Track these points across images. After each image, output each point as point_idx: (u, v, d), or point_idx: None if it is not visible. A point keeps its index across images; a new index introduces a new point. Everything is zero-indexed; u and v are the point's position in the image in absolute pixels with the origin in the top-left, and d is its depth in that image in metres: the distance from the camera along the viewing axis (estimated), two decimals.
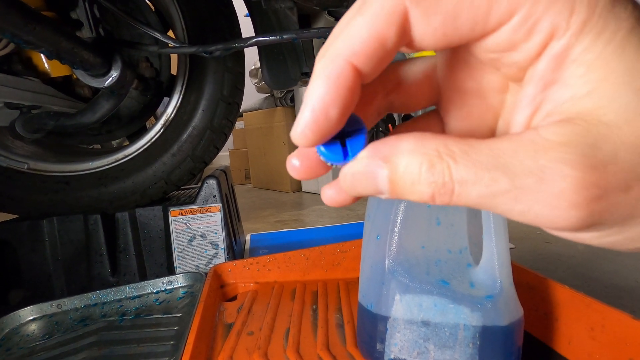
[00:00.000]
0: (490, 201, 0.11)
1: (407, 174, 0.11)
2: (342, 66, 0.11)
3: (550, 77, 0.11)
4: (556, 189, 0.10)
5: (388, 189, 0.12)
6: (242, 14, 0.84)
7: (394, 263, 0.36)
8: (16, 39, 0.41)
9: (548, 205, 0.10)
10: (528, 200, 0.10)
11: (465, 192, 0.11)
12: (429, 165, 0.11)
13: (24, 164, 0.67)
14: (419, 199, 0.12)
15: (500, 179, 0.10)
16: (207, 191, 0.71)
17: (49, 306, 0.58)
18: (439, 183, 0.11)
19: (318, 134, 0.12)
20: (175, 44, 0.60)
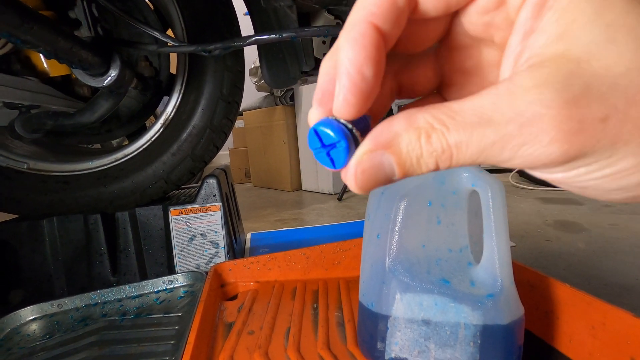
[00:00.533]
0: (483, 155, 0.12)
1: (411, 151, 0.12)
2: (364, 27, 0.12)
3: (529, 26, 0.12)
4: (535, 129, 0.11)
5: (397, 171, 0.13)
6: (242, 13, 0.84)
7: (394, 262, 0.36)
8: (14, 39, 0.41)
9: (531, 146, 0.11)
10: (513, 147, 0.11)
11: (461, 153, 0.12)
12: (426, 138, 0.12)
13: (24, 164, 0.67)
14: (426, 171, 0.12)
15: (487, 133, 0.11)
16: (207, 190, 0.70)
17: (49, 306, 0.58)
18: (439, 151, 0.12)
19: (360, 97, 0.12)
20: (175, 42, 0.60)
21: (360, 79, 0.12)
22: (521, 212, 1.09)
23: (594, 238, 0.83)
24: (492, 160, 0.12)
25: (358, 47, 0.12)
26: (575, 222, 0.95)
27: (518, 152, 0.11)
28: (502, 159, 0.12)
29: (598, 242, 0.81)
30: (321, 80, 0.14)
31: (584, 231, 0.88)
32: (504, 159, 0.12)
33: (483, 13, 0.13)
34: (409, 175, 0.13)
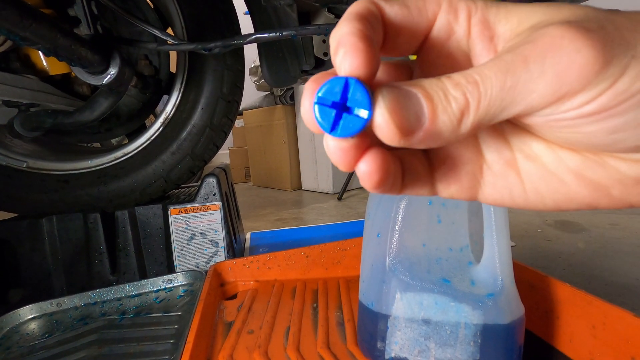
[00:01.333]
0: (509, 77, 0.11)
1: (435, 86, 0.12)
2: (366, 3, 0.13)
3: (488, 35, 0.14)
4: (548, 38, 0.11)
5: (427, 107, 0.12)
6: (242, 12, 0.84)
7: (394, 261, 0.35)
8: (12, 36, 0.41)
9: (553, 50, 0.11)
10: (537, 56, 0.11)
11: (488, 79, 0.11)
12: (447, 77, 0.12)
13: (23, 163, 0.67)
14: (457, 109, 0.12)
15: (505, 57, 0.12)
16: (207, 189, 0.70)
17: (48, 305, 0.58)
18: (463, 82, 0.12)
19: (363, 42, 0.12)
20: (174, 41, 0.60)
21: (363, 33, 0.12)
22: (521, 211, 1.09)
23: (594, 238, 0.83)
24: (522, 82, 0.11)
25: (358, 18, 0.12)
26: (575, 222, 0.95)
27: (545, 62, 0.11)
28: (532, 74, 0.11)
29: (598, 241, 0.81)
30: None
31: (584, 231, 0.88)
32: (533, 73, 0.11)
33: (438, 45, 0.14)
34: (440, 115, 0.11)
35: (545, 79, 0.11)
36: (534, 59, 0.11)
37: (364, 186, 0.14)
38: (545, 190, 0.14)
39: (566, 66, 0.11)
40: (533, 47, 0.11)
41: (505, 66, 0.11)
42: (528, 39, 0.12)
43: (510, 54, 0.11)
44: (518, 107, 0.12)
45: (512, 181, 0.15)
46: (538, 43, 0.11)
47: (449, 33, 0.14)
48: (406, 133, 0.12)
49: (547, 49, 0.11)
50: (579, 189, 0.14)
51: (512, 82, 0.11)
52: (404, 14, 0.14)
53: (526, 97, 0.11)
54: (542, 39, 0.11)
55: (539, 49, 0.11)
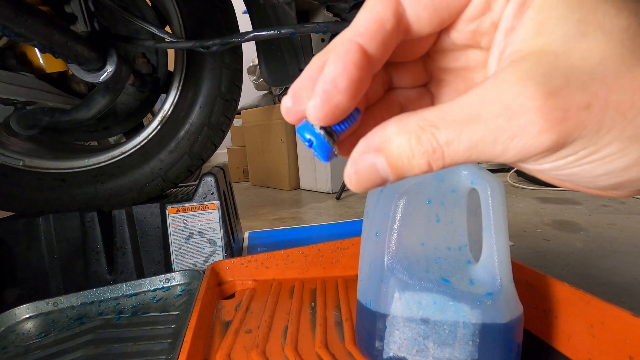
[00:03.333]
0: (475, 151, 0.12)
1: (402, 153, 0.13)
2: (348, 45, 0.13)
3: (510, 24, 0.13)
4: (523, 121, 0.11)
5: (390, 172, 0.13)
6: (240, 11, 0.83)
7: (393, 260, 0.35)
8: (7, 32, 0.40)
9: (521, 138, 0.11)
10: (505, 139, 0.12)
11: (453, 151, 0.12)
12: (417, 139, 0.12)
13: (20, 161, 0.67)
14: (419, 171, 0.13)
15: (477, 128, 0.12)
16: (205, 188, 0.70)
17: (45, 304, 0.57)
18: (429, 151, 0.12)
19: (327, 102, 0.13)
20: (172, 38, 0.59)
21: (332, 87, 0.13)
22: (519, 211, 1.09)
23: (591, 237, 0.83)
24: (486, 156, 0.12)
25: (338, 62, 0.13)
26: (573, 222, 0.95)
27: (510, 145, 0.12)
28: (495, 154, 0.12)
29: (596, 241, 0.81)
30: (304, 74, 0.14)
31: (582, 230, 0.88)
32: (496, 153, 0.12)
33: (470, 21, 0.14)
34: (403, 176, 0.13)
35: (507, 156, 0.12)
36: (503, 141, 0.12)
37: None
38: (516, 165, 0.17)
39: (527, 151, 0.12)
40: (506, 127, 0.12)
41: (476, 141, 0.12)
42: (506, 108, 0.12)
43: (484, 126, 0.12)
44: (488, 159, 0.13)
45: None
46: (512, 124, 0.11)
47: (485, 10, 0.14)
48: (366, 189, 0.14)
49: (517, 134, 0.11)
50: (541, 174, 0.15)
51: (477, 154, 0.12)
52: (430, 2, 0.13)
53: (489, 161, 0.13)
54: (517, 121, 0.11)
55: (510, 131, 0.11)
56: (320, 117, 0.13)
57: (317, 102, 0.13)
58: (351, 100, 0.13)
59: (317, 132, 0.14)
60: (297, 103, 0.14)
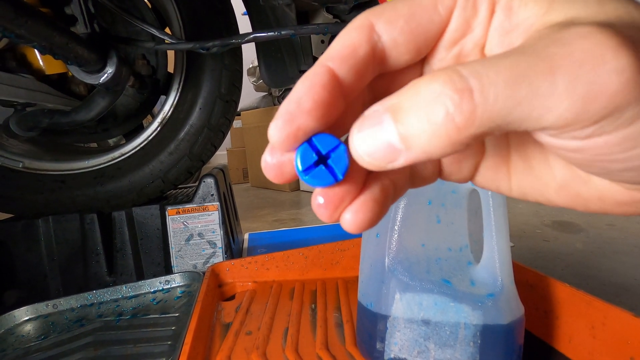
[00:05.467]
0: (526, 86, 0.09)
1: (412, 99, 0.10)
2: (318, 68, 0.12)
3: (508, 25, 0.11)
4: (588, 44, 0.09)
5: (397, 134, 0.10)
6: (240, 12, 0.83)
7: (393, 261, 0.35)
8: (7, 33, 0.40)
9: (592, 61, 0.09)
10: (570, 67, 0.09)
11: (488, 84, 0.09)
12: (432, 78, 0.09)
13: (19, 163, 0.67)
14: (436, 129, 0.09)
15: (525, 57, 0.09)
16: (205, 190, 0.70)
17: (44, 306, 0.57)
18: (448, 86, 0.09)
19: (289, 123, 0.12)
20: (172, 40, 0.59)
21: (296, 107, 0.12)
22: (519, 212, 1.09)
23: (591, 238, 0.83)
24: (539, 97, 0.09)
25: (305, 84, 0.12)
26: (572, 223, 0.95)
27: (578, 76, 0.09)
28: (555, 90, 0.09)
29: (596, 242, 0.81)
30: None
31: (582, 231, 0.88)
32: (558, 88, 0.09)
33: (451, 45, 0.13)
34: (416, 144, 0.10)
35: (571, 98, 0.09)
36: (565, 68, 0.09)
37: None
38: (529, 191, 0.15)
39: (601, 88, 0.09)
40: (566, 52, 0.09)
41: (523, 70, 0.09)
42: (560, 37, 0.09)
43: (533, 54, 0.09)
44: (524, 125, 0.09)
45: (501, 176, 0.15)
46: (574, 47, 0.09)
47: (465, 32, 0.12)
48: (385, 165, 0.11)
49: (585, 59, 0.09)
50: (559, 196, 0.14)
51: (526, 93, 0.09)
52: (405, 26, 0.12)
53: (539, 116, 0.09)
54: (579, 43, 0.09)
55: (574, 56, 0.09)
56: (281, 138, 0.12)
57: (278, 123, 0.12)
58: (316, 122, 0.12)
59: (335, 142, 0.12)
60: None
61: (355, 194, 0.13)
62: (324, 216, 0.13)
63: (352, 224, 0.13)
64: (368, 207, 0.13)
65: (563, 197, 0.14)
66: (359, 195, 0.13)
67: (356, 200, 0.13)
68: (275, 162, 0.13)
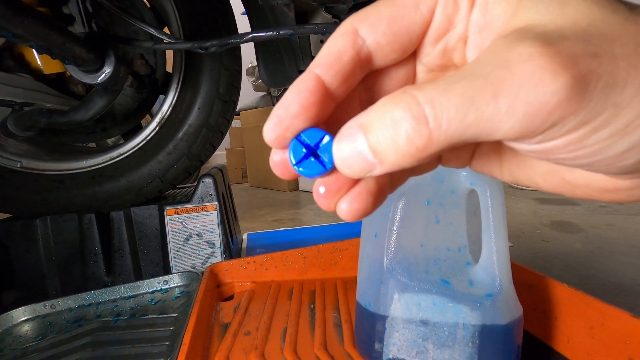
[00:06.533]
0: (473, 112, 0.10)
1: (379, 123, 0.11)
2: (306, 75, 0.13)
3: (483, 22, 0.12)
4: (528, 67, 0.10)
5: (370, 152, 0.11)
6: (239, 12, 0.83)
7: (392, 262, 0.35)
8: (4, 32, 0.40)
9: (530, 85, 0.10)
10: (509, 91, 0.10)
11: (440, 112, 0.10)
12: (395, 104, 0.11)
13: (17, 163, 0.66)
14: (399, 148, 0.11)
15: (472, 82, 0.10)
16: (204, 190, 0.70)
17: (42, 307, 0.57)
18: (407, 115, 0.10)
19: (278, 125, 0.13)
20: (171, 39, 0.59)
21: (283, 111, 0.13)
22: (518, 212, 1.09)
23: (590, 238, 0.83)
24: (487, 120, 0.10)
25: (293, 90, 0.13)
26: (571, 223, 0.96)
27: (518, 96, 0.10)
28: (500, 114, 0.10)
29: (595, 242, 0.81)
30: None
31: (581, 231, 0.88)
32: (501, 112, 0.10)
33: (436, 41, 0.14)
34: (386, 160, 0.11)
35: (514, 117, 0.10)
36: (506, 92, 0.10)
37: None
38: (519, 176, 0.16)
39: (540, 107, 0.10)
40: (509, 75, 0.10)
41: (472, 96, 0.10)
42: (507, 58, 0.10)
43: (481, 78, 0.10)
44: (480, 139, 0.11)
45: (493, 162, 0.16)
46: (516, 70, 0.10)
47: (447, 28, 0.13)
48: (364, 174, 0.12)
49: (524, 82, 0.10)
50: (546, 182, 0.15)
51: (474, 117, 0.10)
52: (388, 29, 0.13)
53: (489, 134, 0.10)
54: (522, 66, 0.10)
55: (514, 79, 0.10)
56: (272, 139, 0.13)
57: (269, 125, 0.13)
58: (303, 123, 0.13)
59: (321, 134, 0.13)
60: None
61: (352, 185, 0.14)
62: (323, 204, 0.14)
63: (347, 212, 0.14)
64: (362, 197, 0.14)
65: (550, 183, 0.15)
66: (355, 186, 0.14)
67: (351, 190, 0.14)
68: (280, 160, 0.14)
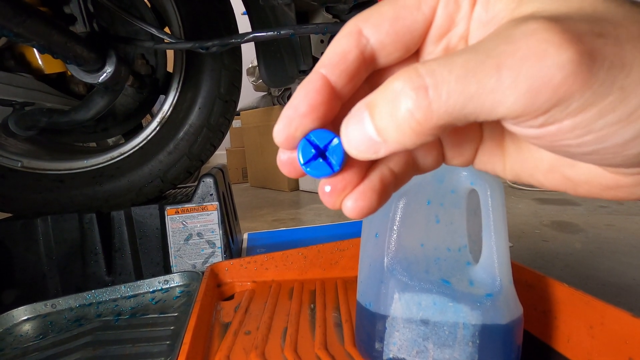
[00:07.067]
0: (475, 82, 0.10)
1: (381, 99, 0.11)
2: (312, 76, 0.13)
3: (485, 18, 0.12)
4: (533, 41, 0.09)
5: (374, 129, 0.11)
6: (239, 12, 0.83)
7: (392, 261, 0.35)
8: (6, 32, 0.40)
9: (535, 57, 0.09)
10: (513, 63, 0.09)
11: (441, 81, 0.10)
12: (396, 78, 0.11)
13: (18, 162, 0.66)
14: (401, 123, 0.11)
15: (474, 56, 0.10)
16: (204, 189, 0.70)
17: (43, 306, 0.57)
18: (407, 86, 0.10)
19: (288, 126, 0.13)
20: (171, 39, 0.59)
21: (293, 111, 0.13)
22: (518, 212, 1.09)
23: (590, 238, 0.83)
24: (488, 92, 0.10)
25: (301, 91, 0.13)
26: (571, 223, 0.96)
27: (522, 70, 0.09)
28: (501, 85, 0.10)
29: (595, 242, 0.81)
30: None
31: (581, 231, 0.88)
32: (503, 83, 0.09)
33: (438, 40, 0.14)
34: (389, 138, 0.11)
35: (517, 91, 0.10)
36: (510, 65, 0.09)
37: None
38: (521, 173, 0.16)
39: (544, 82, 0.09)
40: (512, 50, 0.10)
41: (473, 67, 0.10)
42: (510, 34, 0.10)
43: (483, 52, 0.10)
44: (481, 116, 0.10)
45: (496, 159, 0.16)
46: (519, 44, 0.10)
47: (449, 27, 0.13)
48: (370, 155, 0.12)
49: (528, 55, 0.09)
50: (548, 179, 0.15)
51: (476, 88, 0.10)
52: (390, 29, 0.13)
53: (491, 108, 0.10)
54: (525, 40, 0.09)
55: (518, 52, 0.09)
56: (282, 139, 0.13)
57: (279, 126, 0.13)
58: (313, 123, 0.13)
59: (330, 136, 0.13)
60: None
61: (357, 183, 0.14)
62: (328, 202, 0.14)
63: (353, 210, 0.14)
64: (366, 195, 0.14)
65: (552, 180, 0.15)
66: (360, 184, 0.14)
67: (356, 189, 0.14)
68: (287, 159, 0.14)
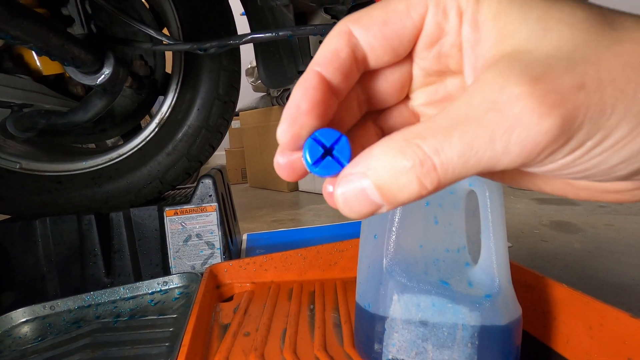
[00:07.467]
0: (472, 155, 0.11)
1: (388, 171, 0.12)
2: (308, 74, 0.14)
3: (473, 39, 0.13)
4: (517, 110, 0.11)
5: (379, 195, 0.12)
6: (238, 13, 0.83)
7: (391, 262, 0.35)
8: (3, 34, 0.40)
9: (521, 128, 0.11)
10: (502, 134, 0.11)
11: (445, 159, 0.11)
12: (402, 154, 0.12)
13: (16, 164, 0.66)
14: (412, 193, 0.12)
15: (468, 128, 0.11)
16: (203, 190, 0.70)
17: (41, 308, 0.57)
18: (417, 164, 0.11)
19: (292, 125, 0.13)
20: (170, 41, 0.59)
21: (295, 110, 0.13)
22: (517, 212, 1.09)
23: (589, 238, 0.83)
24: (486, 160, 0.11)
25: (300, 89, 0.13)
26: (570, 223, 0.96)
27: (511, 140, 0.11)
28: (496, 154, 0.11)
29: (594, 242, 0.81)
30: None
31: (580, 231, 0.89)
32: (498, 152, 0.11)
33: (429, 47, 0.14)
34: (396, 201, 0.12)
35: (510, 156, 0.11)
36: (500, 136, 0.11)
37: None
38: (522, 181, 0.16)
39: (533, 144, 0.11)
40: (502, 119, 0.11)
41: (470, 142, 0.11)
42: (498, 101, 0.11)
43: (475, 122, 0.11)
44: (482, 173, 0.12)
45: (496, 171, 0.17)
46: (507, 114, 0.11)
47: (439, 35, 0.14)
48: (360, 216, 0.13)
49: (513, 126, 0.11)
50: (550, 185, 0.15)
51: (475, 160, 0.11)
52: (379, 32, 0.13)
53: (491, 168, 0.11)
54: (510, 108, 0.11)
55: (505, 123, 0.11)
56: (288, 139, 0.13)
57: (283, 126, 0.13)
58: (315, 120, 0.13)
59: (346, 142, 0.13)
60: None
61: None
62: (333, 203, 0.14)
63: None
64: None
65: (553, 186, 0.15)
66: None
67: None
68: (287, 162, 0.15)
